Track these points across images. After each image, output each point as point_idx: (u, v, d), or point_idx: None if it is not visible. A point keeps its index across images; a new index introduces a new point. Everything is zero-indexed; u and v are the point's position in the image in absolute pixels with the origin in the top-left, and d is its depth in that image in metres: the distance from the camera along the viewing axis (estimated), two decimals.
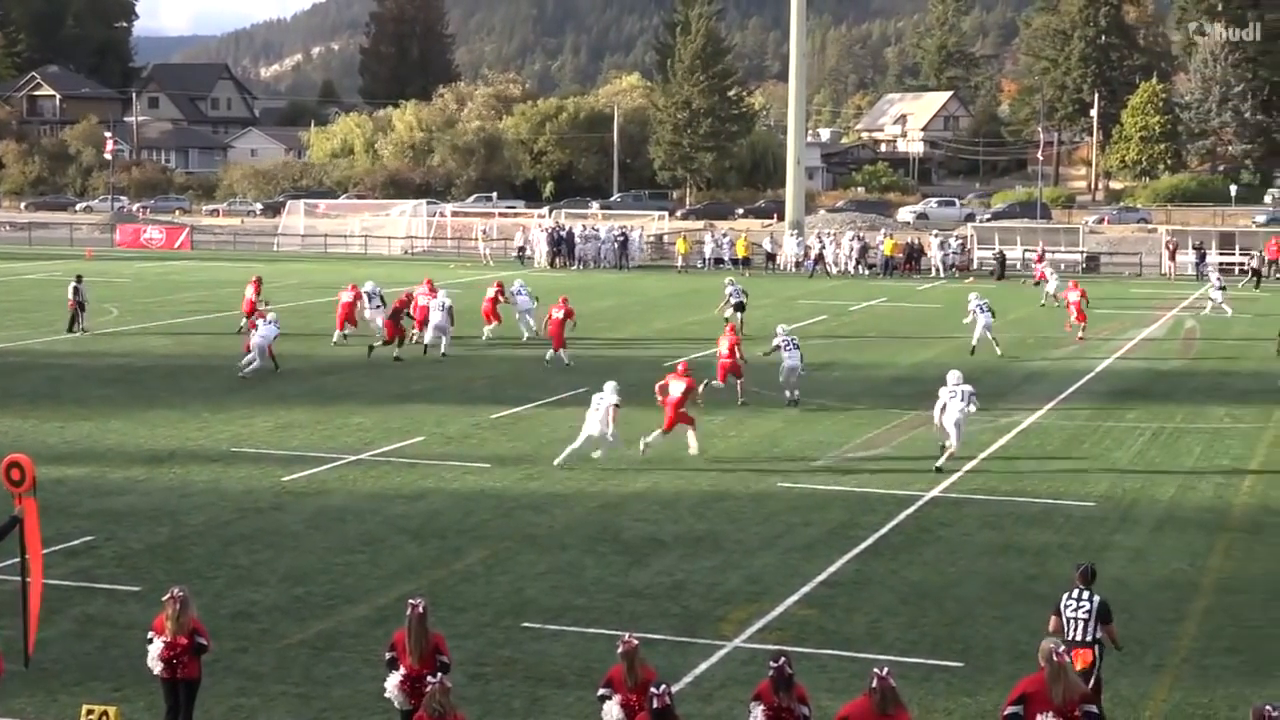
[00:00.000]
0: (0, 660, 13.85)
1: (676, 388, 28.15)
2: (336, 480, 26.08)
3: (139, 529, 22.77)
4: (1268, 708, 11.69)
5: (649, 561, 21.14)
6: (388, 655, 14.09)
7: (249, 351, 37.21)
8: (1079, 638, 14.74)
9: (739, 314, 45.95)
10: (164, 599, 14.45)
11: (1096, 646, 14.70)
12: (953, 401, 27.64)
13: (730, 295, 46.63)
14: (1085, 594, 14.89)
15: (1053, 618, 15.03)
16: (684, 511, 24.10)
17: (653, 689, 12.34)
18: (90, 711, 14.37)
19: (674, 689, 15.76)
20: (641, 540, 22.26)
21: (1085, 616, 14.76)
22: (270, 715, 15.51)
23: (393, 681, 13.89)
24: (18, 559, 16.67)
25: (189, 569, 20.58)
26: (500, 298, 44.89)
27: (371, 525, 23.11)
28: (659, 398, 28.42)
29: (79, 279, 46.32)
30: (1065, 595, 15.03)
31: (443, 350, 40.82)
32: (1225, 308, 52.73)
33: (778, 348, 33.75)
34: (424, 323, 41.58)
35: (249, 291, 44.21)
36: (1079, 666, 14.60)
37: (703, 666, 16.91)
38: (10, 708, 15.46)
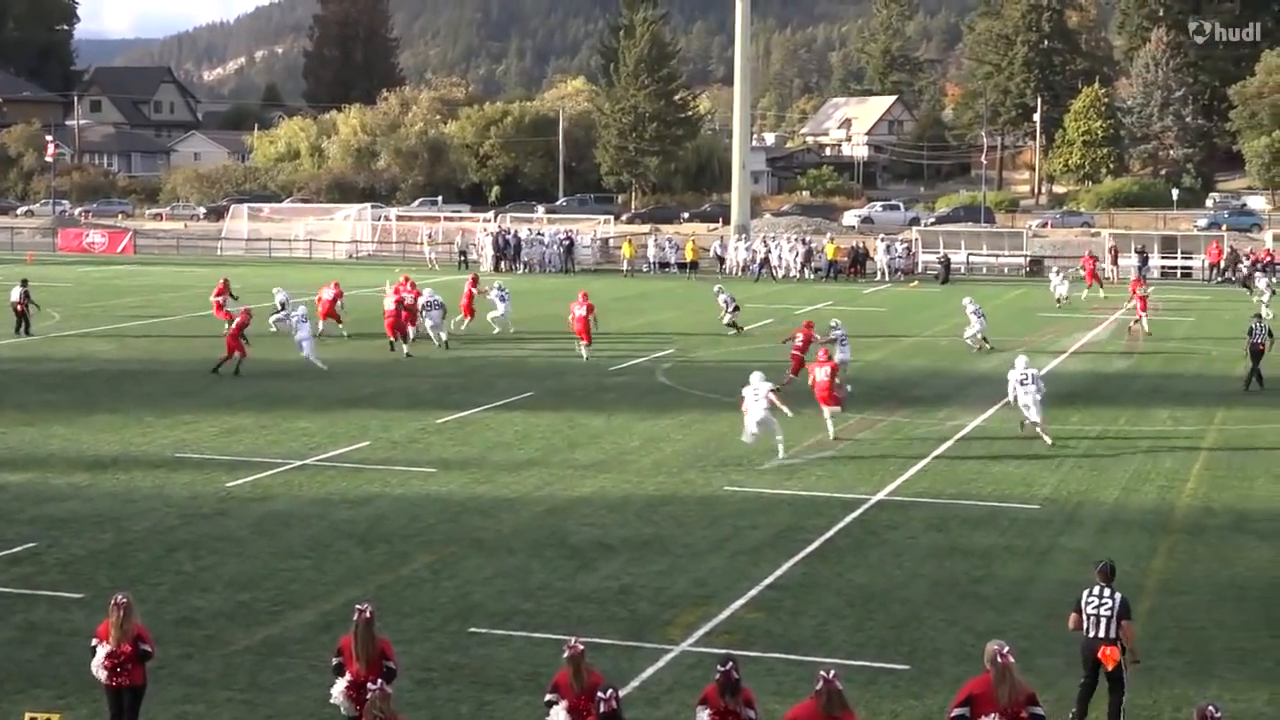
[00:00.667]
0: None
1: (822, 373, 30.08)
2: (282, 485, 25.94)
3: (82, 535, 22.58)
4: (1210, 707, 11.80)
5: (596, 565, 21.12)
6: (334, 661, 14.07)
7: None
8: (1102, 634, 14.87)
9: (737, 314, 47.54)
10: (109, 605, 14.34)
11: (1120, 643, 14.83)
12: (1024, 386, 29.68)
13: (726, 302, 47.59)
14: (1107, 590, 14.99)
15: (1072, 614, 15.15)
16: (631, 515, 24.09)
17: (600, 693, 12.34)
18: (34, 719, 14.25)
19: (621, 693, 15.76)
20: (589, 544, 22.25)
21: (1108, 614, 14.87)
22: None
23: (339, 687, 13.85)
24: None
25: (133, 575, 20.44)
26: (474, 290, 46.69)
27: (317, 530, 23.01)
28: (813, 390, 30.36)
29: (25, 283, 46.14)
30: (1085, 592, 15.12)
31: (445, 340, 42.85)
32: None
33: (834, 341, 35.33)
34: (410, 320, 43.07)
35: (213, 295, 44.69)
36: (1109, 667, 14.73)
37: (650, 670, 16.91)
38: None
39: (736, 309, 47.59)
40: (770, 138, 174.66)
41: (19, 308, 45.11)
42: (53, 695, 15.89)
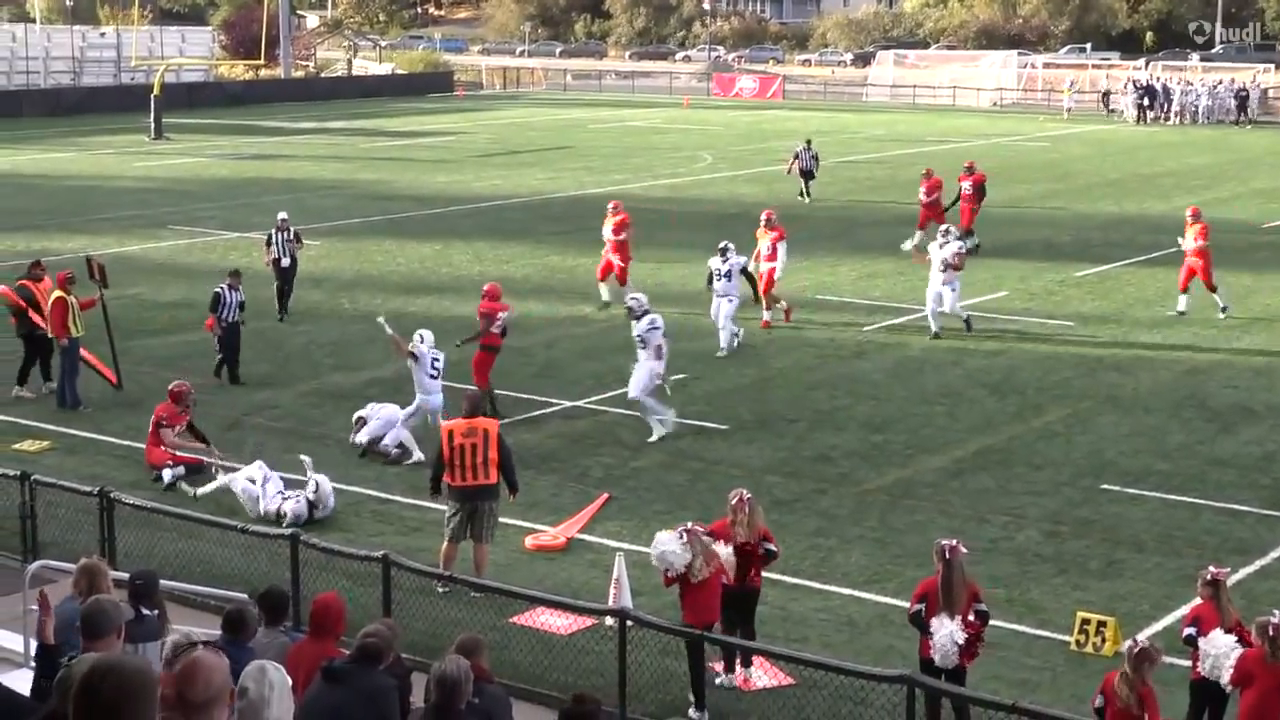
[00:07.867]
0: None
1: None
2: (916, 332, 26.24)
3: (727, 370, 23.70)
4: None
5: (1237, 430, 20.41)
6: (915, 608, 11.82)
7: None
8: None
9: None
10: (731, 505, 13.27)
11: None
12: None
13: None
14: None
15: None
16: (1278, 380, 23.06)
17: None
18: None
19: (1259, 564, 15.36)
20: (1230, 408, 21.50)
21: None
22: (847, 556, 15.95)
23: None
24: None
25: (772, 410, 21.34)
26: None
27: (950, 378, 23.23)
28: None
29: (809, 142, 43.37)
30: None
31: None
32: None
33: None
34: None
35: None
36: None
37: None
38: (607, 529, 16.54)
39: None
40: None
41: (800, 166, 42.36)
42: (695, 518, 16.73)
